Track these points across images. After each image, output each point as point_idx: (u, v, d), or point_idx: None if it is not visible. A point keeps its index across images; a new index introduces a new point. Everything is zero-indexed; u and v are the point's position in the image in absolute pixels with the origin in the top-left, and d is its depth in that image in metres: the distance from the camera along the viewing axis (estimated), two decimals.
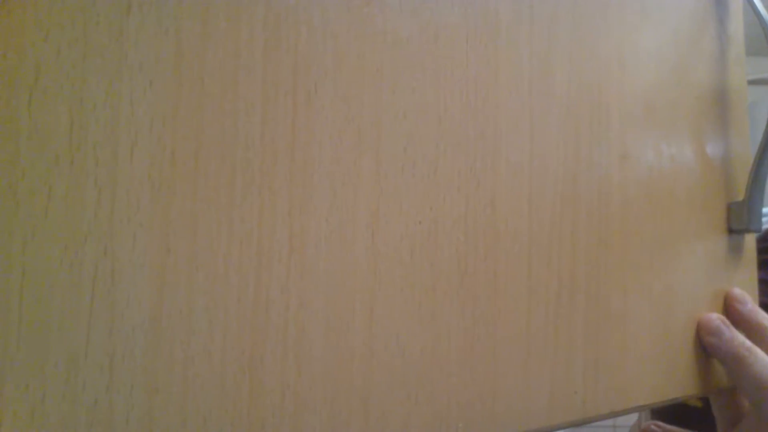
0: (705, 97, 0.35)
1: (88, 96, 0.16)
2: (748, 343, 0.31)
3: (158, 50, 0.17)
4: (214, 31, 0.18)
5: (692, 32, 0.34)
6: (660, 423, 0.38)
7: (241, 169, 0.18)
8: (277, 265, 0.19)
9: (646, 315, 0.29)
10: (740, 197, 0.36)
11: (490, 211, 0.24)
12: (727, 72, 0.36)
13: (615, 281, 0.27)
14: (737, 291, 0.33)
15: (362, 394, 0.20)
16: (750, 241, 0.36)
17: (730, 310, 0.33)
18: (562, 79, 0.27)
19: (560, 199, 0.26)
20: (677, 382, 0.30)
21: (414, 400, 0.21)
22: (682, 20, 0.34)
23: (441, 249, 0.22)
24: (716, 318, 0.31)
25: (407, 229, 0.21)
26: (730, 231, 0.35)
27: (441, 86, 0.23)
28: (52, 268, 0.15)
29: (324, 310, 0.20)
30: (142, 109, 0.17)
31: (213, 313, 0.18)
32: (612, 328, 0.27)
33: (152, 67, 0.17)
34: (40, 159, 0.15)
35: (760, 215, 0.36)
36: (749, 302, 0.33)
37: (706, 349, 0.31)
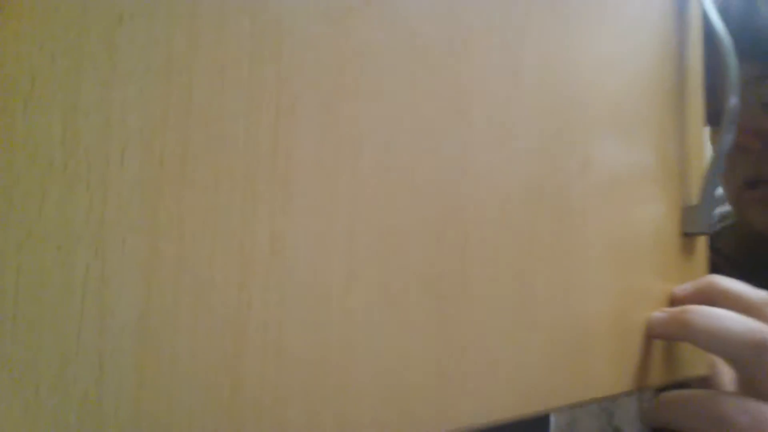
0: (664, 104, 0.37)
1: (81, 103, 0.17)
2: (683, 307, 0.31)
3: (148, 60, 0.18)
4: (202, 43, 0.19)
5: (652, 40, 0.36)
6: None
7: (226, 174, 0.19)
8: (258, 266, 0.20)
9: (605, 314, 0.31)
10: (694, 201, 0.38)
11: (460, 215, 0.25)
12: (686, 80, 0.38)
13: (577, 283, 0.29)
14: (675, 288, 0.34)
15: (338, 386, 0.21)
16: (702, 242, 0.38)
17: (676, 301, 0.34)
18: (532, 86, 0.28)
19: (527, 206, 0.27)
20: (636, 375, 0.32)
21: (388, 398, 0.22)
22: (642, 29, 0.35)
23: (414, 252, 0.23)
24: (650, 317, 0.32)
25: (383, 233, 0.22)
26: (685, 234, 0.37)
27: (417, 94, 0.24)
28: (46, 268, 0.16)
29: (302, 309, 0.21)
30: (133, 116, 0.18)
31: (198, 313, 0.18)
32: (573, 327, 0.29)
33: (142, 76, 0.18)
34: (34, 164, 0.16)
35: (712, 218, 0.38)
36: (688, 284, 0.34)
37: (665, 340, 0.33)
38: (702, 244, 0.38)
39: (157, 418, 0.18)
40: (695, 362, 0.34)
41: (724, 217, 0.59)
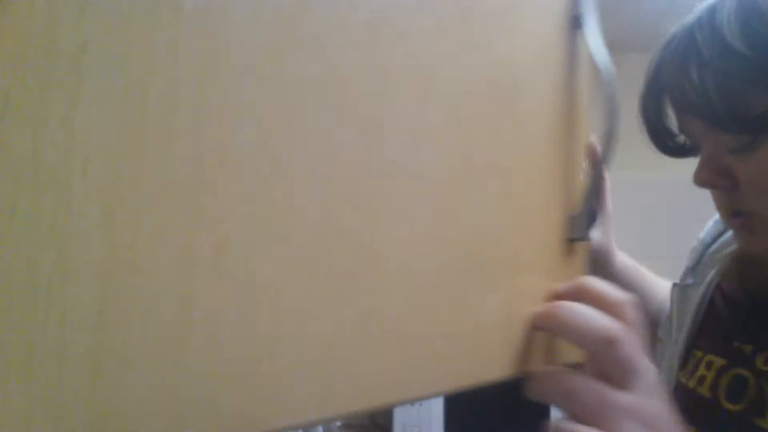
0: (558, 128, 0.42)
1: (49, 122, 0.19)
2: (554, 303, 0.36)
3: (108, 83, 0.20)
4: (157, 67, 0.21)
5: (548, 73, 0.41)
6: None
7: (175, 187, 0.22)
8: (202, 268, 0.22)
9: (498, 307, 0.35)
10: (576, 211, 0.43)
11: (375, 221, 0.28)
12: (576, 108, 0.43)
13: (475, 280, 0.33)
14: (556, 286, 0.39)
15: (268, 372, 0.24)
16: (582, 246, 0.44)
17: (555, 297, 0.39)
18: (443, 109, 0.32)
19: (435, 212, 0.31)
20: (521, 361, 0.36)
21: (313, 381, 0.25)
22: (539, 63, 0.40)
23: (337, 255, 0.26)
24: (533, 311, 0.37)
25: (310, 239, 0.26)
26: (569, 239, 0.43)
27: (341, 115, 0.27)
28: (15, 269, 0.18)
29: (239, 306, 0.23)
30: (94, 133, 0.20)
31: (148, 309, 0.21)
32: (471, 319, 0.33)
33: (103, 98, 0.20)
34: (6, 176, 0.18)
35: (590, 226, 0.44)
36: (566, 283, 0.39)
37: (543, 332, 0.38)
38: (582, 247, 0.44)
39: (111, 402, 0.20)
40: (571, 351, 0.39)
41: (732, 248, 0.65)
